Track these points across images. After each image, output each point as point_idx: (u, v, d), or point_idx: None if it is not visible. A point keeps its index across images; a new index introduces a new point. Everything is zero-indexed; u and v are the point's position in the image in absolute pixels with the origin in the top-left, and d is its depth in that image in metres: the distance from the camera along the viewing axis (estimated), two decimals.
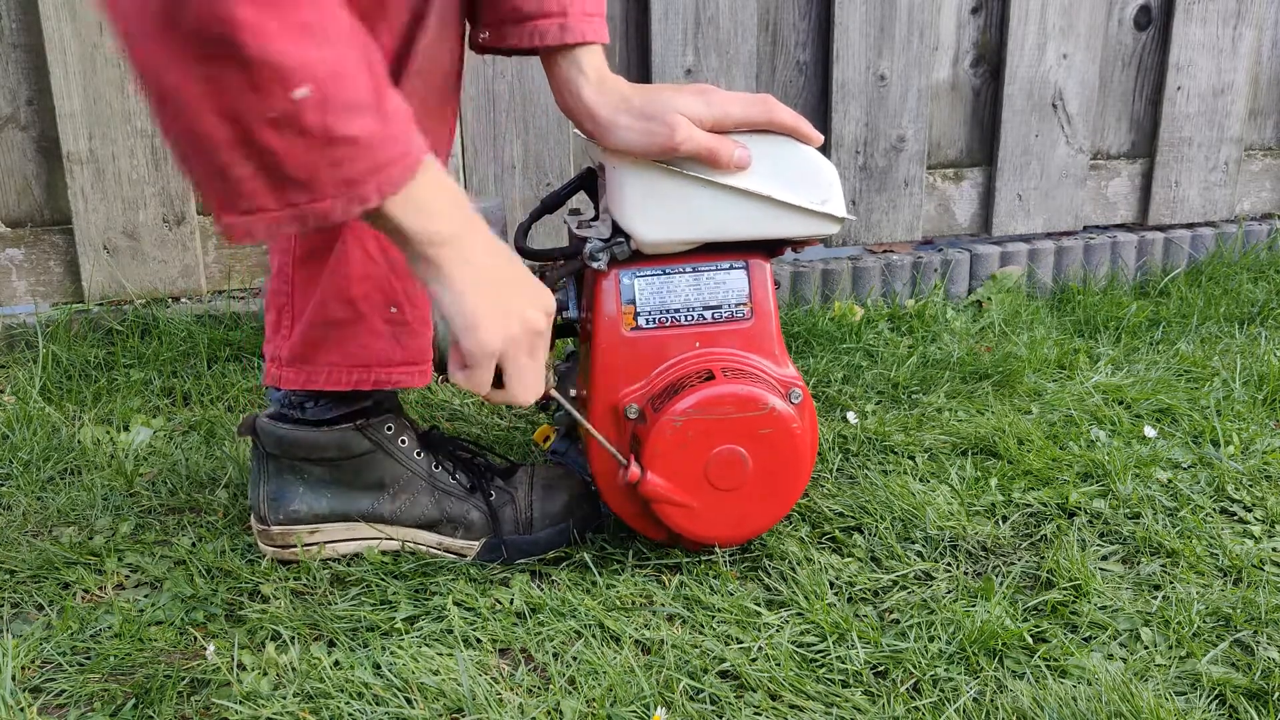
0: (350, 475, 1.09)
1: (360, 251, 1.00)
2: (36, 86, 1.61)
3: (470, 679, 0.90)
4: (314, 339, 1.03)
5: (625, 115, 0.98)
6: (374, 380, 1.04)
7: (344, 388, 1.04)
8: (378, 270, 1.01)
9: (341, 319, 1.02)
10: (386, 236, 0.83)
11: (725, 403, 1.02)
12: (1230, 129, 2.18)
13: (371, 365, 1.04)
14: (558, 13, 0.98)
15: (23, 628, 0.99)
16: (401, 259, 0.98)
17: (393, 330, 1.03)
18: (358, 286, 1.01)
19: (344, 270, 1.00)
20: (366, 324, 1.02)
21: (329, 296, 1.01)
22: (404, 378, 1.05)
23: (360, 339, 1.03)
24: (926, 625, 0.99)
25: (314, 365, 1.04)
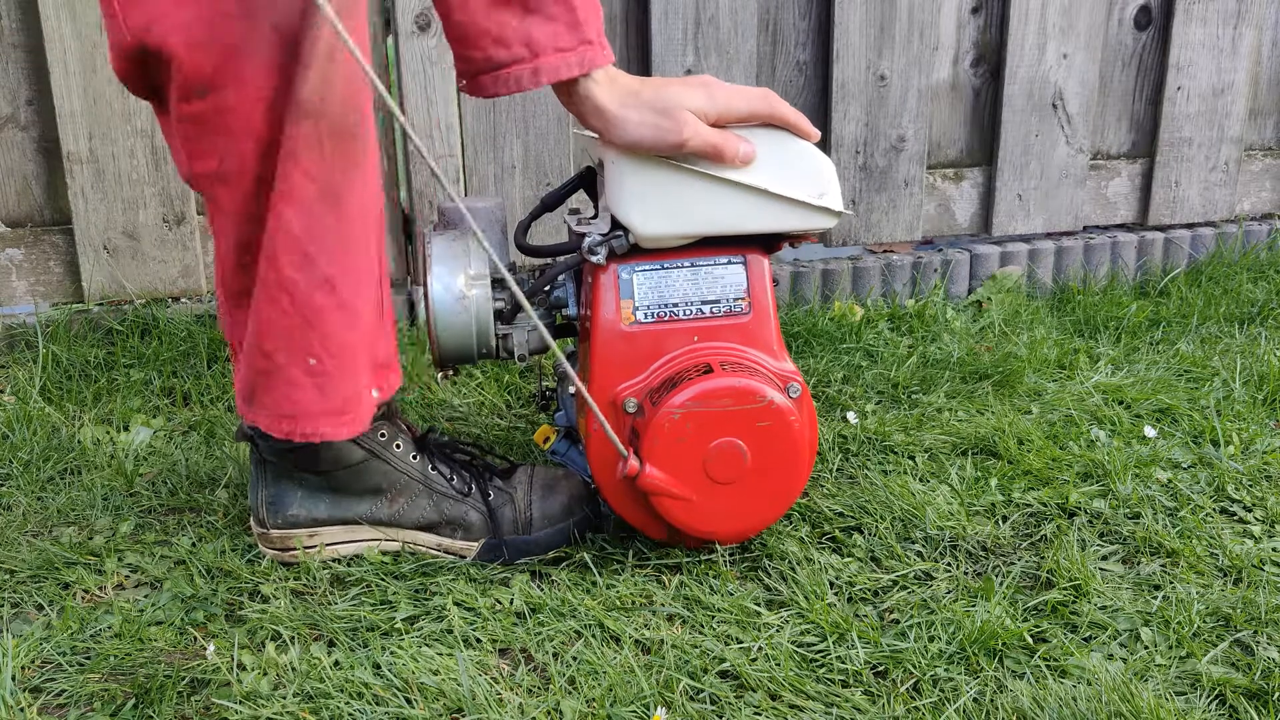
0: (346, 482, 1.09)
1: (269, 304, 0.96)
2: (36, 86, 1.61)
3: (470, 679, 0.90)
4: (250, 383, 1.01)
5: (634, 110, 0.98)
6: (301, 433, 1.00)
7: (278, 436, 1.01)
8: (289, 323, 0.97)
9: (264, 368, 0.99)
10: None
11: (723, 396, 1.02)
12: (1230, 129, 2.18)
13: (297, 416, 1.00)
14: (528, 56, 0.96)
15: (23, 628, 0.98)
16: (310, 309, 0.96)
17: (315, 381, 0.99)
18: (271, 340, 0.97)
19: (259, 324, 0.97)
20: (284, 375, 0.99)
21: (252, 344, 0.99)
22: (330, 429, 1.01)
23: (284, 390, 0.99)
24: (926, 625, 0.99)
25: (256, 408, 1.02)
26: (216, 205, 0.96)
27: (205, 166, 0.93)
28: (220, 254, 0.99)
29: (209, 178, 0.94)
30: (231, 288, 1.00)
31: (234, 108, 0.89)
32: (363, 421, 1.03)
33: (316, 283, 0.96)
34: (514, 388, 1.59)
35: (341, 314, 0.98)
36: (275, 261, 0.95)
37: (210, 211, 0.98)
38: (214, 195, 0.95)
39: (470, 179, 1.76)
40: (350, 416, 1.02)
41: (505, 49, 0.96)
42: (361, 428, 1.03)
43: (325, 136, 0.91)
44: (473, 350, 1.12)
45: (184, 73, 0.88)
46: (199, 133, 0.92)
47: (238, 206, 0.94)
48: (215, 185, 0.94)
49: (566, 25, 0.95)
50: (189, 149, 0.93)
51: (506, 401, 1.55)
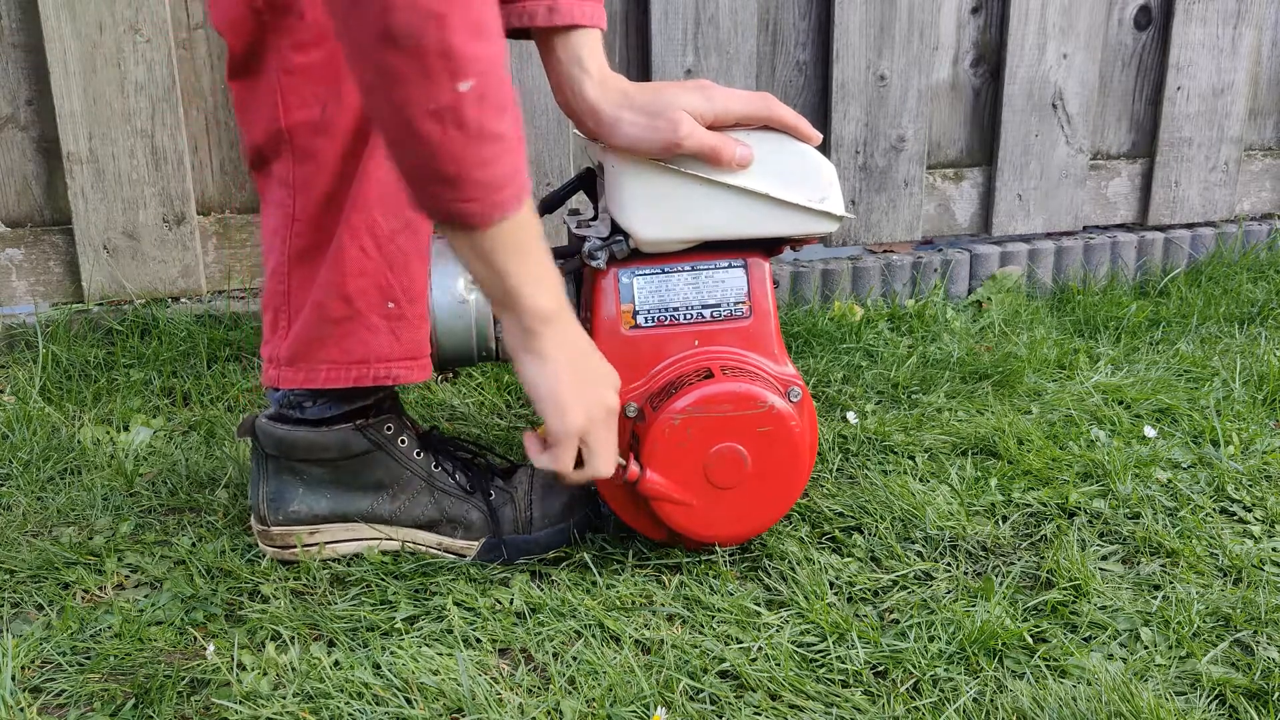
0: (349, 475, 1.09)
1: (355, 249, 0.99)
2: (36, 86, 1.61)
3: (470, 679, 0.90)
4: (312, 337, 1.03)
5: (629, 112, 0.98)
6: (374, 376, 1.04)
7: (344, 384, 1.04)
8: (373, 266, 1.00)
9: (339, 316, 1.02)
10: (497, 298, 0.89)
11: (724, 401, 1.02)
12: (1230, 129, 2.18)
13: (370, 361, 1.03)
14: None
15: (23, 628, 0.98)
16: (397, 254, 1.00)
17: (390, 325, 1.03)
18: (354, 283, 1.00)
19: (340, 267, 1.00)
20: (364, 320, 1.02)
21: (326, 294, 1.01)
22: (404, 373, 1.05)
23: (358, 335, 1.02)
24: (926, 625, 0.99)
25: (313, 363, 1.04)
26: (309, 156, 0.97)
27: (304, 116, 0.95)
28: (299, 207, 1.00)
29: (306, 128, 0.96)
30: (298, 245, 1.02)
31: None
32: (429, 371, 1.07)
33: (401, 226, 1.00)
34: (514, 388, 1.59)
35: (421, 260, 1.03)
36: (365, 206, 0.98)
37: (295, 165, 0.98)
38: (308, 146, 0.97)
39: None
40: (422, 362, 1.06)
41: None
42: (427, 375, 1.07)
43: None
44: (472, 352, 1.12)
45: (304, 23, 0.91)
46: (305, 83, 0.94)
47: (333, 156, 0.96)
48: (312, 136, 0.96)
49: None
50: (289, 100, 0.95)
51: (506, 401, 1.55)
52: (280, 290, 1.04)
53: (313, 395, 1.07)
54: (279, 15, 0.92)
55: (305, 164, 0.98)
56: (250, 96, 0.99)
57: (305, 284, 1.03)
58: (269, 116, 0.97)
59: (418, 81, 0.73)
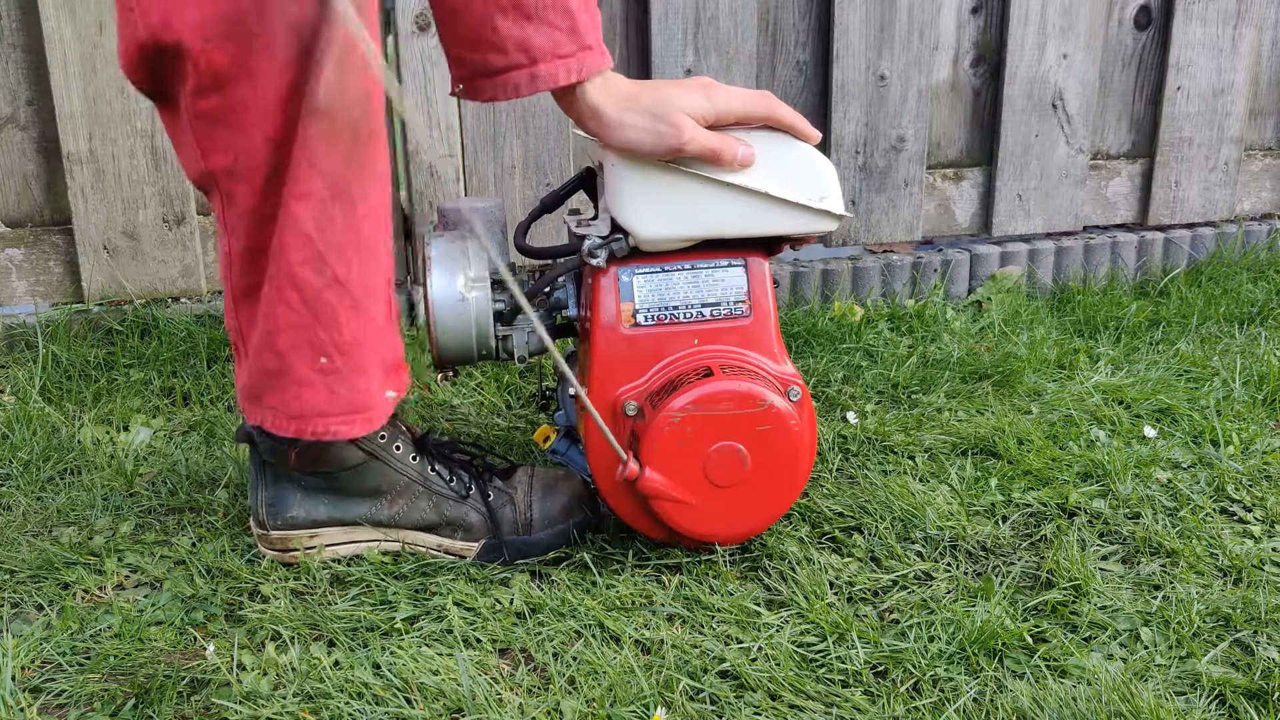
0: (346, 484, 1.09)
1: (281, 304, 0.97)
2: (36, 86, 1.61)
3: (470, 679, 0.90)
4: (257, 383, 1.02)
5: (631, 114, 0.98)
6: (311, 431, 1.01)
7: (288, 435, 1.02)
8: (300, 320, 0.97)
9: (273, 368, 1.00)
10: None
11: (723, 400, 1.02)
12: (1230, 129, 2.18)
13: (308, 416, 1.01)
14: (526, 62, 0.96)
15: (23, 628, 0.98)
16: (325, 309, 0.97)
17: (325, 380, 1.00)
18: (283, 337, 0.98)
19: (270, 322, 0.98)
20: (295, 374, 0.99)
21: (262, 344, 0.99)
22: (344, 428, 1.02)
23: (294, 390, 1.00)
24: (926, 625, 0.99)
25: (262, 407, 1.02)
26: (229, 201, 0.96)
27: (220, 162, 0.94)
28: (229, 251, 0.99)
29: (223, 173, 0.94)
30: (239, 284, 1.00)
31: (249, 103, 0.90)
32: (376, 420, 1.04)
33: (327, 281, 0.96)
34: (514, 388, 1.59)
35: (353, 313, 0.99)
36: (286, 258, 0.95)
37: (220, 208, 0.98)
38: (228, 191, 0.95)
39: (470, 179, 1.76)
40: (362, 416, 1.03)
41: (503, 55, 0.96)
42: (373, 426, 1.04)
43: (339, 134, 0.92)
44: (472, 352, 1.12)
45: (199, 68, 0.88)
46: (213, 129, 0.92)
47: (251, 202, 0.95)
48: (229, 181, 0.95)
49: (566, 32, 0.95)
50: (203, 145, 0.94)
51: (506, 401, 1.55)
52: (234, 325, 1.04)
53: None
54: (171, 63, 0.90)
55: (230, 207, 0.97)
56: (176, 134, 0.97)
57: (249, 325, 1.02)
58: (193, 157, 0.96)
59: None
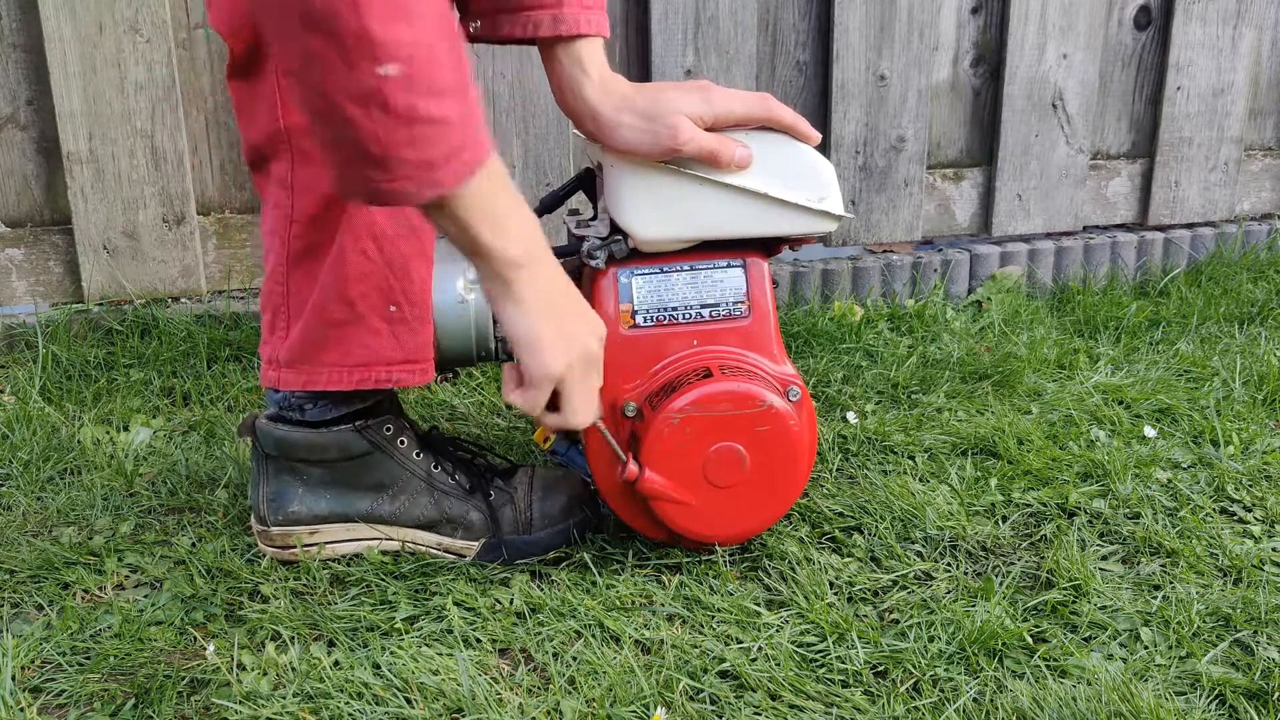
0: (349, 476, 1.09)
1: (357, 252, 0.99)
2: (36, 86, 1.61)
3: (470, 679, 0.90)
4: (313, 340, 1.03)
5: (629, 115, 0.98)
6: (375, 379, 1.04)
7: (346, 387, 1.04)
8: (375, 269, 1.00)
9: (341, 319, 1.02)
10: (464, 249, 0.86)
11: (722, 400, 1.02)
12: (1230, 129, 2.18)
13: (372, 365, 1.03)
14: (552, 3, 0.98)
15: (23, 628, 0.99)
16: (398, 257, 1.00)
17: (392, 329, 1.03)
18: (355, 286, 1.00)
19: (341, 271, 1.00)
20: (366, 323, 1.02)
21: (327, 297, 1.01)
22: (405, 376, 1.05)
23: (360, 338, 1.02)
24: (926, 625, 0.99)
25: (315, 366, 1.04)
26: (304, 159, 0.97)
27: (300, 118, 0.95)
28: (299, 209, 1.00)
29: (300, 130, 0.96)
30: (298, 246, 1.01)
31: None
32: (431, 373, 1.06)
33: (403, 229, 0.99)
34: None
35: (422, 261, 1.02)
36: (370, 211, 0.98)
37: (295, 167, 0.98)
38: (308, 148, 0.97)
39: None
40: (424, 366, 1.05)
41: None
42: (428, 378, 1.06)
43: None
44: (472, 353, 1.12)
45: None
46: None
47: None
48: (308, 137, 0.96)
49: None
50: (290, 100, 0.95)
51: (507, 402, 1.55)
52: (279, 291, 1.04)
53: (313, 397, 1.07)
54: None
55: (304, 166, 0.98)
56: (250, 97, 0.99)
57: (304, 286, 1.02)
58: (268, 117, 0.97)
59: (337, 65, 0.71)
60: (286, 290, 1.04)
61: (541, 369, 0.91)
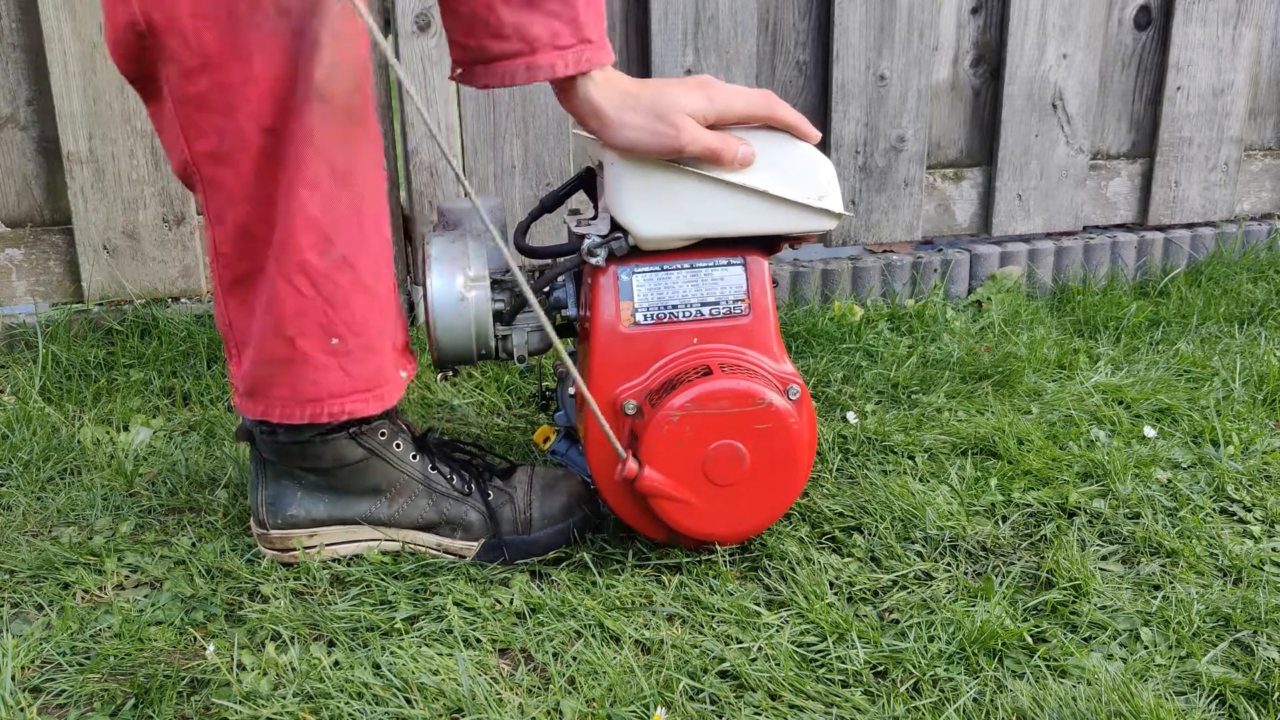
0: (346, 482, 1.09)
1: (291, 289, 0.97)
2: (36, 86, 1.61)
3: (470, 679, 0.90)
4: (261, 375, 1.01)
5: (631, 113, 0.98)
6: (328, 413, 1.02)
7: (300, 421, 1.02)
8: (311, 305, 0.98)
9: (283, 357, 1.00)
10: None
11: (722, 398, 1.02)
12: (1230, 129, 2.18)
13: (324, 399, 1.01)
14: (525, 51, 0.95)
15: (23, 628, 0.98)
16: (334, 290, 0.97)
17: (339, 361, 1.01)
18: (293, 324, 0.98)
19: (278, 309, 0.98)
20: (310, 360, 1.00)
21: (266, 336, 0.99)
22: (359, 406, 1.03)
23: (306, 374, 1.00)
24: (926, 625, 0.99)
25: (267, 400, 1.02)
26: (215, 187, 0.95)
27: (203, 147, 0.93)
28: (218, 239, 0.99)
29: (206, 158, 0.94)
30: (227, 275, 1.00)
31: (238, 85, 0.90)
32: (390, 398, 1.05)
33: (336, 262, 0.97)
34: (514, 388, 1.59)
35: (362, 293, 1.00)
36: (293, 244, 0.95)
37: (207, 196, 0.97)
38: (213, 176, 0.95)
39: (470, 179, 1.76)
40: (375, 394, 1.04)
41: (502, 41, 0.95)
42: (387, 404, 1.05)
43: (336, 116, 0.92)
44: (472, 351, 1.12)
45: (189, 46, 0.88)
46: (199, 113, 0.92)
47: (239, 186, 0.94)
48: (213, 166, 0.94)
49: (567, 23, 0.95)
50: (187, 131, 0.93)
51: (506, 401, 1.55)
52: (224, 319, 1.03)
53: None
54: (161, 39, 0.89)
55: (215, 195, 0.96)
56: (161, 122, 0.97)
57: (241, 314, 1.01)
58: (177, 146, 0.95)
59: None
60: (229, 319, 1.03)
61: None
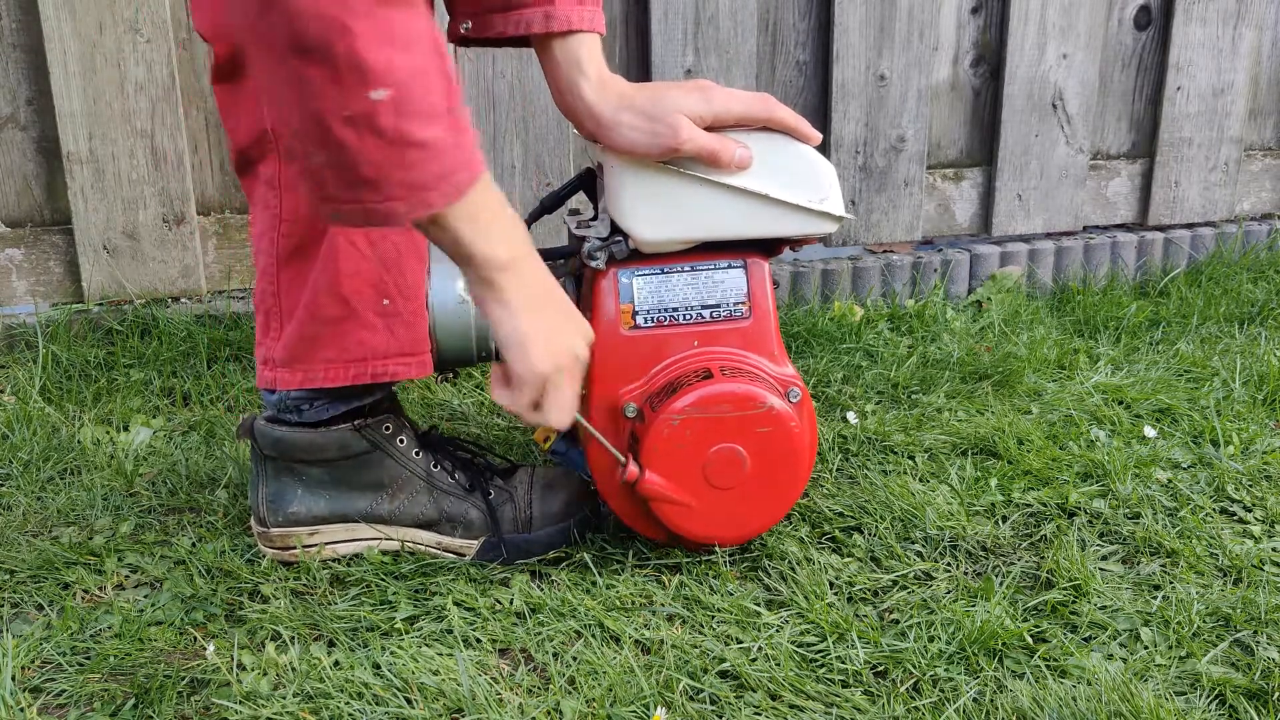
0: (348, 476, 1.09)
1: (349, 247, 0.99)
2: (36, 86, 1.61)
3: (470, 679, 0.90)
4: (308, 337, 1.03)
5: (628, 115, 0.98)
6: (372, 373, 1.04)
7: (343, 382, 1.04)
8: (367, 265, 1.00)
9: (334, 315, 1.02)
10: (451, 255, 0.86)
11: (723, 401, 1.02)
12: (1230, 129, 2.18)
13: (368, 359, 1.04)
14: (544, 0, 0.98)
15: (23, 628, 0.99)
16: (390, 251, 1.00)
17: (387, 323, 1.03)
18: (348, 282, 1.01)
19: (334, 267, 1.00)
20: (360, 319, 1.02)
21: (320, 294, 1.01)
22: (401, 369, 1.05)
23: (355, 334, 1.03)
24: (926, 625, 0.99)
25: (310, 363, 1.04)
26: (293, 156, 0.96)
27: None
28: (281, 211, 1.00)
29: None
30: (286, 245, 1.01)
31: None
32: (429, 367, 1.06)
33: None
34: None
35: (414, 256, 1.02)
36: None
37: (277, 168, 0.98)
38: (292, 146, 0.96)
39: None
40: (420, 358, 1.05)
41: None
42: (427, 371, 1.06)
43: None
44: (472, 353, 1.12)
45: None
46: None
47: None
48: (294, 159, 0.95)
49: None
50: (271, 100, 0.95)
51: None
52: (271, 291, 1.04)
53: (310, 397, 1.07)
54: None
55: (290, 163, 0.98)
56: (235, 100, 0.99)
57: (295, 285, 1.03)
58: (254, 118, 0.97)
59: (330, 89, 0.72)
60: (278, 290, 1.04)
61: (528, 369, 0.90)
